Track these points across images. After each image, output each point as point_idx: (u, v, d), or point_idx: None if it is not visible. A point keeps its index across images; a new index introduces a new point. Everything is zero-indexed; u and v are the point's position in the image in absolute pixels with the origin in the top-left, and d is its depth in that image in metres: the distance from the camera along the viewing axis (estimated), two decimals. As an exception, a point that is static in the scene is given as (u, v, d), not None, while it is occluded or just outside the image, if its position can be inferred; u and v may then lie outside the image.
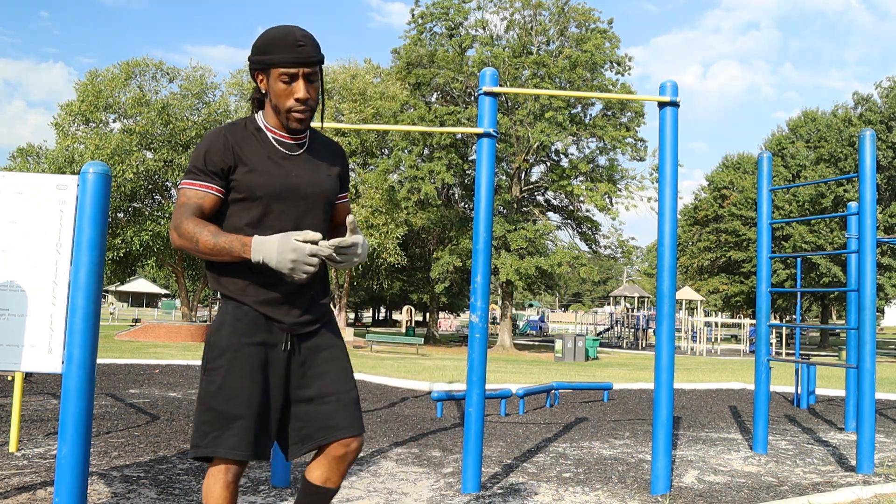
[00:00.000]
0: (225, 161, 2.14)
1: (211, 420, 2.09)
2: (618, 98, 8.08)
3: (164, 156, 28.41)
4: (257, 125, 2.22)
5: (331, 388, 2.20)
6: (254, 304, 2.15)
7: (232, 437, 2.08)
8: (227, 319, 2.15)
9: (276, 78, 2.13)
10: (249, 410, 2.09)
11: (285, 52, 2.11)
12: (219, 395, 2.10)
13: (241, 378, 2.10)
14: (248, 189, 2.14)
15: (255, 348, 2.13)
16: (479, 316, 4.31)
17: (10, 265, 3.47)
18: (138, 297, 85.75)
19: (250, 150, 2.17)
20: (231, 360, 2.11)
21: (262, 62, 2.15)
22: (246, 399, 2.09)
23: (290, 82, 2.14)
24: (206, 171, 2.14)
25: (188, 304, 32.44)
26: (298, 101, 2.14)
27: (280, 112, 2.17)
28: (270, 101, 2.19)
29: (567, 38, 29.87)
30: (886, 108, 36.27)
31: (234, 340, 2.13)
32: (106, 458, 4.75)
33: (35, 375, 9.11)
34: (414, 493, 4.18)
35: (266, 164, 2.17)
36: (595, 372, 15.52)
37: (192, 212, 2.12)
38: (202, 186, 2.13)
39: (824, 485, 4.70)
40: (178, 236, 2.10)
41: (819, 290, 6.56)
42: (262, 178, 2.15)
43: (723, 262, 44.55)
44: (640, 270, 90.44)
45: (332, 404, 2.19)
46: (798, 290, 5.95)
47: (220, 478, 2.10)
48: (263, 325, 2.16)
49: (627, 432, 6.72)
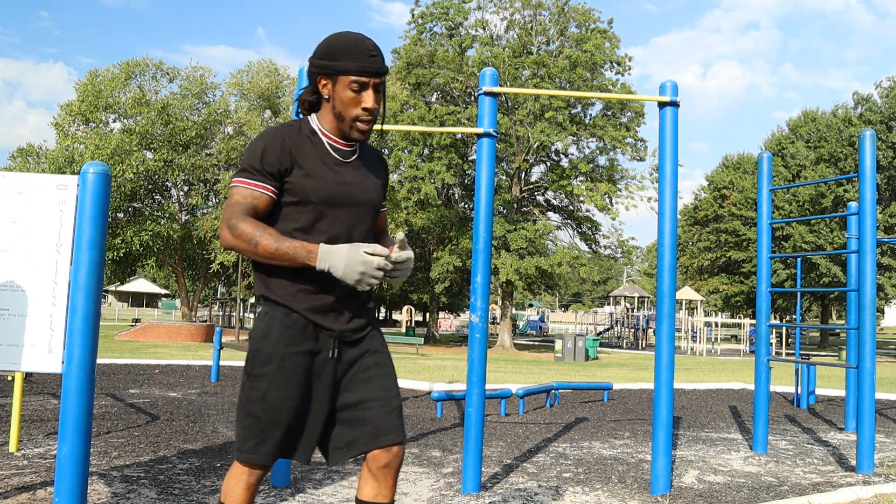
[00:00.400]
0: (281, 162, 2.09)
1: (251, 426, 2.10)
2: (618, 98, 8.08)
3: (164, 156, 28.40)
4: (312, 129, 2.19)
5: (375, 395, 2.18)
6: (304, 311, 2.12)
7: (271, 445, 2.09)
8: (276, 327, 2.11)
9: (346, 86, 2.10)
10: (291, 420, 2.10)
11: (359, 60, 2.08)
12: (261, 403, 2.09)
13: (287, 388, 2.09)
14: (301, 193, 2.10)
15: (301, 357, 2.11)
16: (479, 316, 4.31)
17: (10, 265, 3.47)
18: (138, 297, 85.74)
19: (306, 153, 2.14)
20: (277, 369, 2.09)
21: (331, 68, 2.10)
22: (288, 409, 2.09)
23: (359, 91, 2.11)
24: (263, 171, 2.09)
25: (188, 304, 32.44)
26: (366, 110, 2.12)
27: (344, 120, 2.14)
28: (333, 107, 2.15)
29: (567, 38, 29.87)
30: (886, 108, 36.27)
31: (282, 349, 2.10)
32: (106, 458, 4.75)
33: (35, 375, 9.11)
34: (414, 493, 4.18)
35: (321, 169, 2.14)
36: (595, 372, 15.53)
37: (246, 211, 2.07)
38: (258, 186, 2.08)
39: (824, 485, 4.70)
40: (232, 237, 2.04)
41: (819, 290, 6.56)
42: (316, 183, 2.12)
43: (723, 262, 44.55)
44: (640, 270, 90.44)
45: (376, 410, 2.17)
46: (798, 290, 5.95)
47: (242, 479, 2.13)
48: (311, 333, 2.14)
49: (627, 432, 6.72)
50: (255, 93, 29.88)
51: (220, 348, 10.35)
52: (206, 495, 3.93)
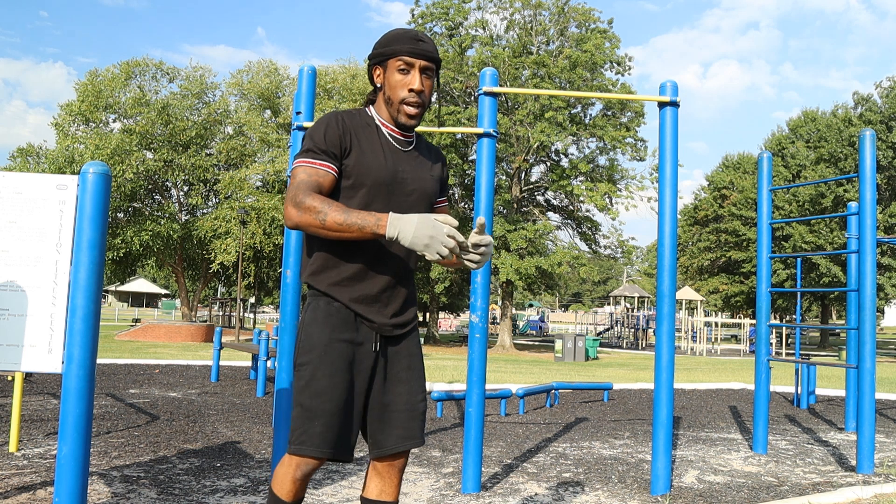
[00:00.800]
0: (343, 143, 2.15)
1: (299, 416, 2.12)
2: (618, 98, 8.08)
3: (164, 156, 28.40)
4: (370, 116, 2.27)
5: (405, 398, 2.23)
6: (347, 301, 2.16)
7: (316, 434, 2.10)
8: (319, 315, 2.16)
9: (394, 68, 2.18)
10: (335, 407, 2.11)
11: (406, 43, 2.17)
12: (307, 391, 2.12)
13: (330, 375, 2.12)
14: (357, 175, 2.15)
15: (344, 345, 2.15)
16: (479, 316, 4.31)
17: (10, 265, 3.47)
18: (138, 297, 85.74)
19: (364, 137, 2.20)
20: (321, 356, 2.13)
21: (382, 54, 2.20)
22: (333, 396, 2.11)
23: (406, 72, 2.18)
24: (328, 150, 2.14)
25: (188, 304, 32.44)
26: (412, 91, 2.17)
27: (392, 103, 2.20)
28: (384, 94, 2.22)
29: (567, 38, 29.87)
30: (886, 108, 36.27)
31: (325, 336, 2.14)
32: (106, 458, 4.75)
33: (35, 375, 9.12)
34: (414, 493, 4.18)
35: (377, 153, 2.19)
36: (595, 372, 15.52)
37: (312, 188, 2.09)
38: (322, 165, 2.13)
39: (824, 485, 4.70)
40: (298, 212, 2.04)
41: (819, 290, 6.56)
42: (373, 167, 2.16)
43: (723, 262, 44.54)
44: (640, 270, 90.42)
45: (404, 414, 2.22)
46: (798, 290, 5.95)
47: (290, 471, 2.14)
48: (354, 324, 2.18)
49: (627, 432, 6.72)
50: (255, 93, 29.88)
51: (220, 348, 10.35)
52: (206, 495, 3.93)
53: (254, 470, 4.58)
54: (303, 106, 4.50)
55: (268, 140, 30.11)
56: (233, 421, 6.51)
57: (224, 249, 27.70)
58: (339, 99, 29.20)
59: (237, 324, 25.99)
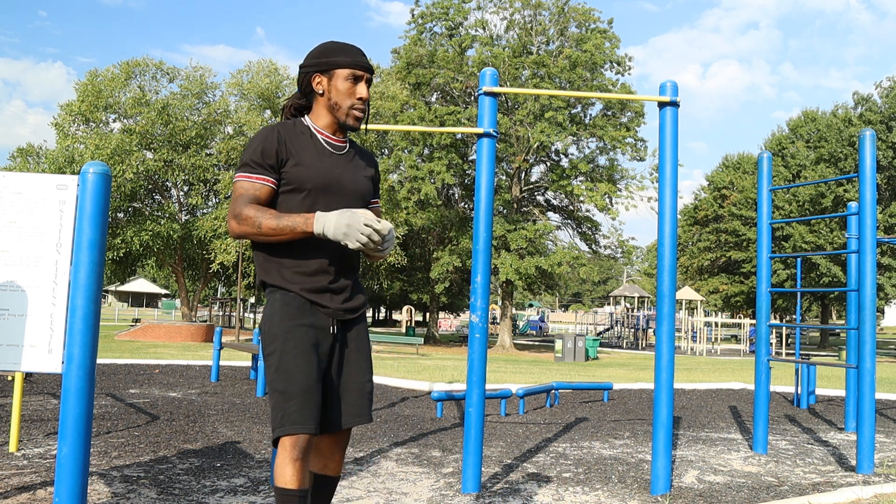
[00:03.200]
0: (279, 154, 2.33)
1: (276, 403, 2.23)
2: (618, 98, 8.08)
3: (164, 156, 28.39)
4: (306, 125, 2.45)
5: (356, 378, 2.41)
6: (300, 291, 2.33)
7: (294, 413, 2.20)
8: (277, 306, 2.32)
9: (343, 78, 2.40)
10: (306, 385, 2.23)
11: (354, 56, 2.41)
12: (278, 377, 2.24)
13: (296, 356, 2.25)
14: (297, 181, 2.33)
15: (305, 328, 2.30)
16: (479, 316, 4.31)
17: (10, 265, 3.46)
18: (138, 297, 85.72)
19: (300, 145, 2.38)
20: (284, 342, 2.27)
21: (329, 63, 2.40)
22: (302, 375, 2.23)
23: (355, 83, 2.41)
24: (263, 164, 2.32)
25: (188, 304, 32.44)
26: (361, 100, 2.41)
27: (339, 109, 2.41)
28: (328, 100, 2.42)
29: (567, 38, 29.85)
30: (886, 108, 36.26)
31: (286, 324, 2.28)
32: (106, 458, 4.75)
33: (35, 375, 9.11)
34: (414, 493, 4.18)
35: (314, 159, 2.38)
36: (595, 372, 15.52)
37: (250, 201, 2.29)
38: (258, 178, 2.31)
39: (824, 485, 4.70)
40: (237, 224, 2.26)
41: (819, 290, 6.56)
42: (310, 171, 2.35)
43: (723, 262, 44.54)
44: (640, 270, 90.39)
45: (354, 393, 2.40)
46: (798, 290, 5.95)
47: (287, 455, 2.20)
48: (310, 309, 2.33)
49: (627, 432, 6.72)
50: (254, 93, 29.88)
51: (220, 348, 10.35)
52: (206, 495, 3.93)
53: (254, 470, 4.58)
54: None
55: (268, 140, 29.99)
56: (233, 421, 6.50)
57: (224, 249, 27.69)
58: (339, 99, 29.20)
59: (237, 324, 25.98)
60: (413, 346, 27.97)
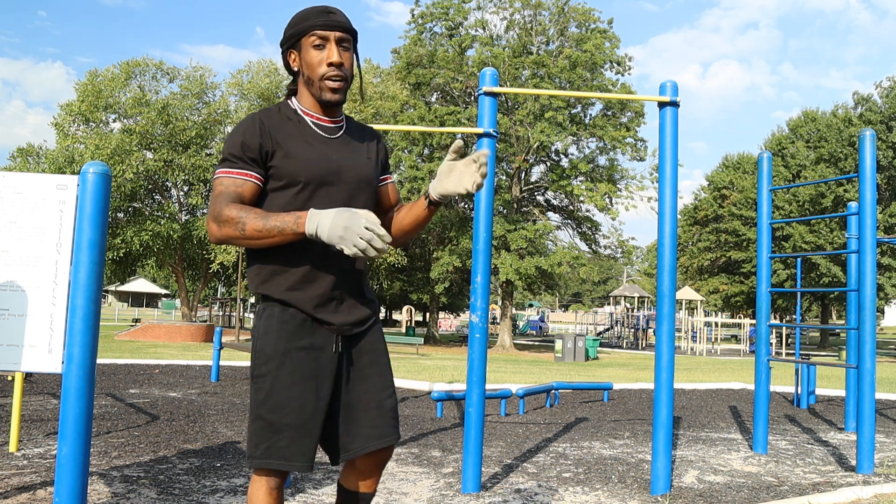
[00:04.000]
0: (262, 146, 2.03)
1: (260, 430, 2.03)
2: (618, 98, 8.08)
3: (164, 156, 28.39)
4: (292, 109, 2.15)
5: (371, 396, 2.14)
6: (300, 305, 2.06)
7: (282, 448, 2.02)
8: (273, 323, 2.05)
9: (309, 46, 2.08)
10: (299, 419, 2.03)
11: (316, 17, 2.07)
12: (266, 405, 2.02)
13: (290, 386, 2.02)
14: (288, 175, 2.05)
15: (303, 353, 2.05)
16: (479, 316, 4.31)
17: (10, 265, 3.46)
18: (138, 297, 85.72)
19: (287, 133, 2.08)
20: (279, 367, 2.03)
21: (294, 34, 2.10)
22: (295, 408, 2.02)
23: (321, 47, 2.08)
24: (244, 157, 2.03)
25: (188, 304, 32.43)
26: (332, 65, 2.07)
27: (313, 83, 2.09)
28: (304, 77, 2.12)
29: (567, 38, 29.85)
30: (886, 108, 36.26)
31: (282, 345, 2.04)
32: (106, 458, 4.75)
33: (35, 375, 9.11)
34: (414, 493, 4.18)
35: (305, 148, 2.07)
36: (595, 372, 15.52)
37: (231, 200, 2.00)
38: (240, 174, 2.02)
39: (824, 485, 4.70)
40: (218, 226, 1.97)
41: (819, 290, 6.56)
42: (302, 163, 2.05)
43: (723, 262, 44.53)
44: (640, 270, 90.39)
45: (371, 413, 2.13)
46: (798, 290, 5.95)
47: (263, 485, 2.07)
48: (310, 328, 2.08)
49: (627, 432, 6.72)
50: (255, 93, 29.87)
51: (220, 348, 10.35)
52: (206, 495, 3.93)
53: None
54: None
55: (268, 140, 30.02)
56: (233, 421, 6.50)
57: (224, 249, 27.69)
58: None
59: (237, 324, 25.99)
60: (413, 346, 27.96)
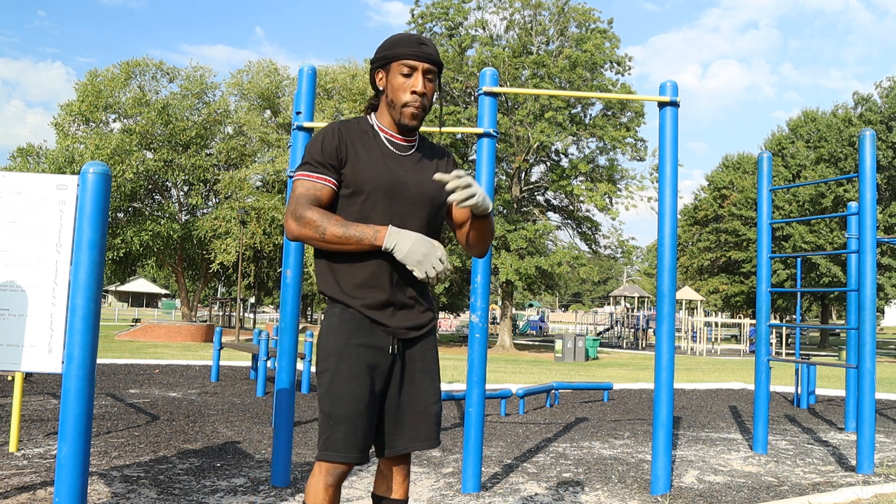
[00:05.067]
0: (339, 153, 2.18)
1: (324, 422, 2.17)
2: (618, 98, 8.08)
3: (164, 156, 28.40)
4: (370, 124, 2.28)
5: (418, 399, 2.26)
6: (360, 307, 2.18)
7: (339, 439, 2.13)
8: (335, 322, 2.20)
9: (397, 71, 2.21)
10: (355, 412, 2.14)
11: (408, 46, 2.20)
12: (327, 398, 2.16)
13: (349, 379, 2.15)
14: (356, 183, 2.18)
15: (361, 349, 2.17)
16: (479, 316, 4.31)
17: (10, 265, 3.46)
18: (138, 297, 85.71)
19: (362, 145, 2.22)
20: (338, 362, 2.16)
21: (384, 57, 2.23)
22: (353, 401, 2.14)
23: (409, 75, 2.20)
24: (325, 163, 2.17)
25: (188, 304, 32.43)
26: (415, 93, 2.20)
27: (395, 106, 2.22)
28: (386, 97, 2.25)
29: (567, 38, 29.85)
30: (886, 108, 36.26)
31: (341, 342, 2.17)
32: (106, 458, 4.75)
33: (35, 375, 9.11)
34: (414, 493, 4.18)
35: (376, 161, 2.21)
36: (595, 372, 15.52)
37: (311, 202, 2.14)
38: (320, 179, 2.16)
39: (824, 485, 4.70)
40: (298, 226, 2.11)
41: (819, 290, 6.56)
42: (371, 174, 2.18)
43: (723, 262, 44.53)
44: (640, 270, 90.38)
45: (417, 416, 2.26)
46: (798, 290, 5.95)
47: (321, 479, 2.16)
48: (369, 328, 2.19)
49: (627, 432, 6.72)
50: (255, 93, 29.89)
51: (220, 348, 10.35)
52: (206, 495, 3.93)
53: (254, 470, 4.58)
54: (303, 106, 4.50)
55: (268, 140, 30.11)
56: (233, 421, 6.50)
57: (224, 249, 27.70)
58: (338, 99, 29.19)
59: (237, 324, 25.99)
60: (413, 346, 27.92)
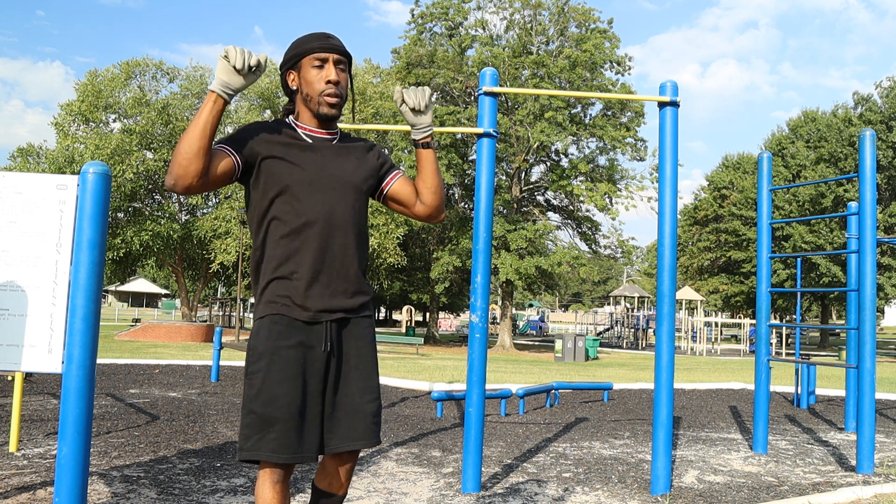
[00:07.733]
0: (253, 147, 2.23)
1: (252, 423, 2.15)
2: (618, 98, 8.08)
3: (164, 156, 28.39)
4: (287, 122, 2.34)
5: (352, 399, 2.26)
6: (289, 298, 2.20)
7: (272, 440, 2.13)
8: (265, 323, 2.21)
9: (309, 66, 2.28)
10: (289, 413, 2.14)
11: (316, 41, 2.29)
12: (258, 399, 2.15)
13: (280, 382, 2.15)
14: (276, 177, 2.22)
15: (292, 351, 2.19)
16: (479, 316, 4.31)
17: (10, 265, 3.46)
18: (138, 297, 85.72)
19: (280, 141, 2.27)
20: (269, 364, 2.17)
21: (295, 56, 2.30)
22: (285, 403, 2.14)
23: (321, 67, 2.27)
24: (234, 138, 2.23)
25: (188, 304, 32.43)
26: (329, 83, 2.26)
27: (312, 99, 2.28)
28: (302, 94, 2.30)
29: (567, 38, 29.85)
30: (886, 108, 36.26)
31: (272, 344, 2.18)
32: (106, 458, 4.75)
33: (35, 375, 9.11)
34: (414, 493, 4.18)
35: (295, 154, 2.26)
36: (595, 372, 15.52)
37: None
38: (222, 147, 2.21)
39: (824, 485, 4.70)
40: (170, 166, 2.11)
41: (819, 290, 6.56)
42: (291, 168, 2.23)
43: (723, 262, 44.53)
44: (640, 270, 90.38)
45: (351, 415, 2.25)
46: (798, 290, 5.95)
47: (266, 479, 2.18)
48: (300, 327, 2.21)
49: (627, 432, 6.72)
50: (254, 93, 29.88)
51: (220, 348, 10.35)
52: (206, 495, 3.93)
53: (254, 470, 4.58)
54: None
55: (268, 140, 29.99)
56: (233, 421, 6.50)
57: (224, 249, 27.69)
58: (339, 99, 29.18)
59: (237, 324, 25.98)
60: (413, 346, 27.95)
